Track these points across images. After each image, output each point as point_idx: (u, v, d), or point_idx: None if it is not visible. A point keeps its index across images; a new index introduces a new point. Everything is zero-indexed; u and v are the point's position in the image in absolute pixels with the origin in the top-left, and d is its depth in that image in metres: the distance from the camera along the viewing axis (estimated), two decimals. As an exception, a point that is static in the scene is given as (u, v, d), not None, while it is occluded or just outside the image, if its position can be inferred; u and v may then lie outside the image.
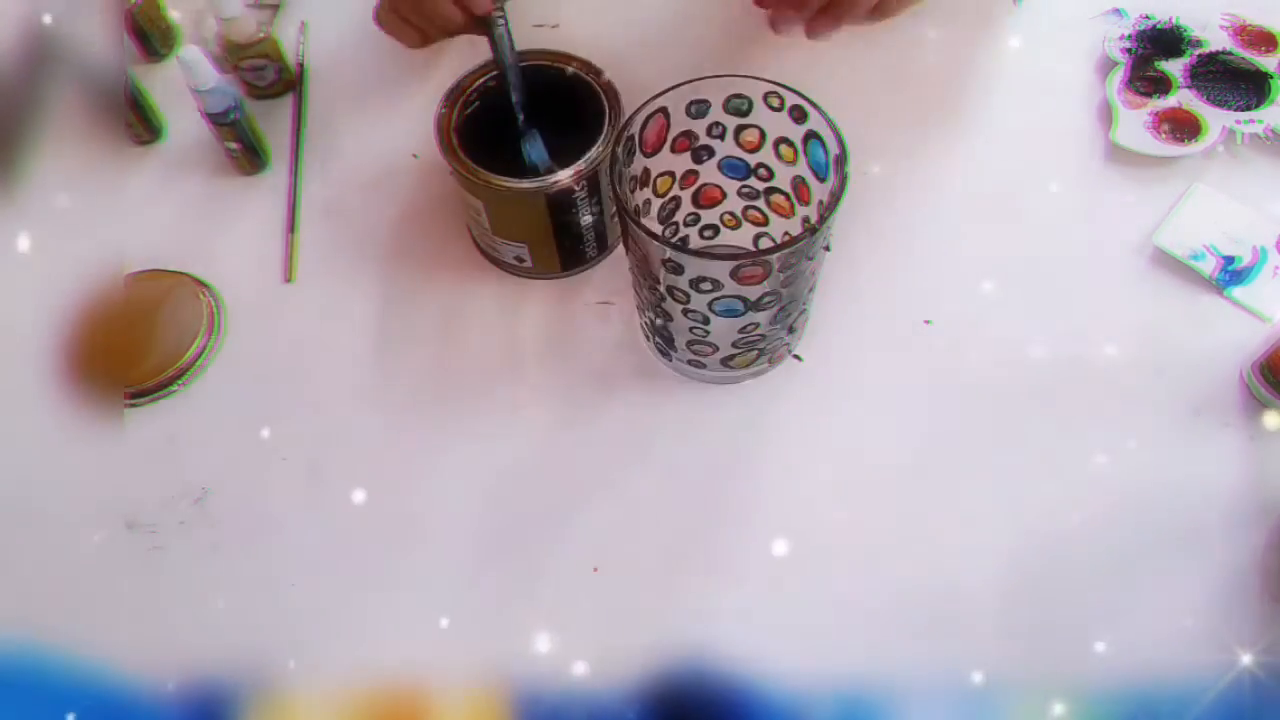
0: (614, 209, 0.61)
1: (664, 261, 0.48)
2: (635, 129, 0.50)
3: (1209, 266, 0.60)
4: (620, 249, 0.64)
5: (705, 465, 0.57)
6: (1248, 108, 0.65)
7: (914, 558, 0.54)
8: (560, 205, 0.57)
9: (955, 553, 0.54)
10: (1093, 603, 0.52)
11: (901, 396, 0.58)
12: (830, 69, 0.63)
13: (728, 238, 0.60)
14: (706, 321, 0.51)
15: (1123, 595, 0.52)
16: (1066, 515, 0.54)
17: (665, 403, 0.58)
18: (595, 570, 0.54)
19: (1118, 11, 0.70)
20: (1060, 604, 0.52)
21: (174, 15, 0.73)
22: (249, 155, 0.66)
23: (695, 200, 0.57)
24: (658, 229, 0.57)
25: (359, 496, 0.57)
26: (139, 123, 0.68)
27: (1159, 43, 0.68)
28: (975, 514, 0.55)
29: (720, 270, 0.47)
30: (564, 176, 0.56)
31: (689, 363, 0.57)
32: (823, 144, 0.50)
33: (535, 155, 0.60)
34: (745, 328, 0.52)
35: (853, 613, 0.53)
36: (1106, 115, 0.66)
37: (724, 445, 0.57)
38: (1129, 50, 0.68)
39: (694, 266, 0.47)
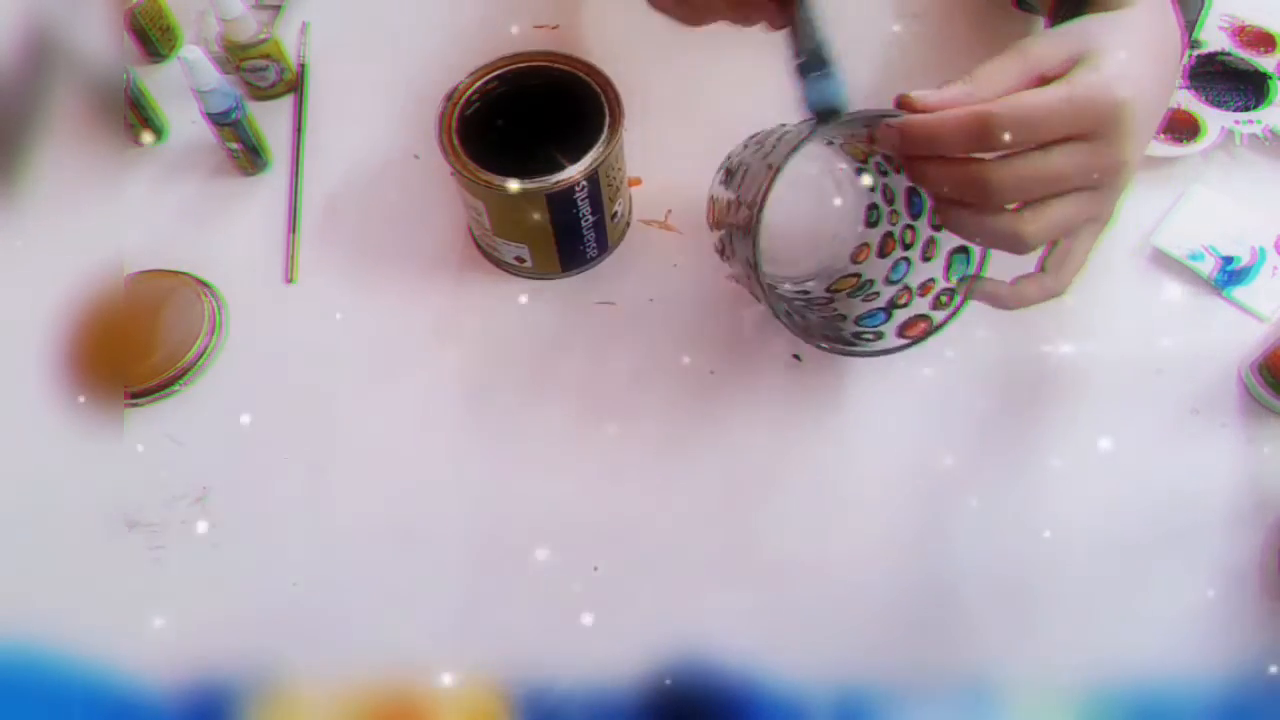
0: (614, 209, 0.61)
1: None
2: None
3: (1208, 267, 0.60)
4: (621, 249, 0.64)
5: (704, 465, 0.57)
6: (1246, 108, 0.65)
7: (914, 557, 0.54)
8: (561, 205, 0.57)
9: (954, 552, 0.54)
10: (1091, 602, 0.52)
11: (900, 397, 0.58)
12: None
13: None
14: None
15: (1121, 595, 0.52)
16: (1065, 515, 0.54)
17: (663, 404, 0.58)
18: (595, 570, 0.54)
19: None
20: (1059, 604, 0.52)
21: (175, 15, 0.73)
22: (250, 155, 0.67)
23: None
24: None
25: (359, 496, 0.57)
26: (140, 123, 0.68)
27: (1158, 44, 0.68)
28: (974, 513, 0.55)
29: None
30: (564, 176, 0.56)
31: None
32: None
33: (824, 94, 0.51)
34: None
35: (853, 613, 0.53)
36: (1105, 116, 0.66)
37: (723, 446, 0.57)
38: (1128, 51, 0.68)
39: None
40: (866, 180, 0.58)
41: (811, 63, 0.52)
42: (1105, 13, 0.48)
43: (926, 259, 0.56)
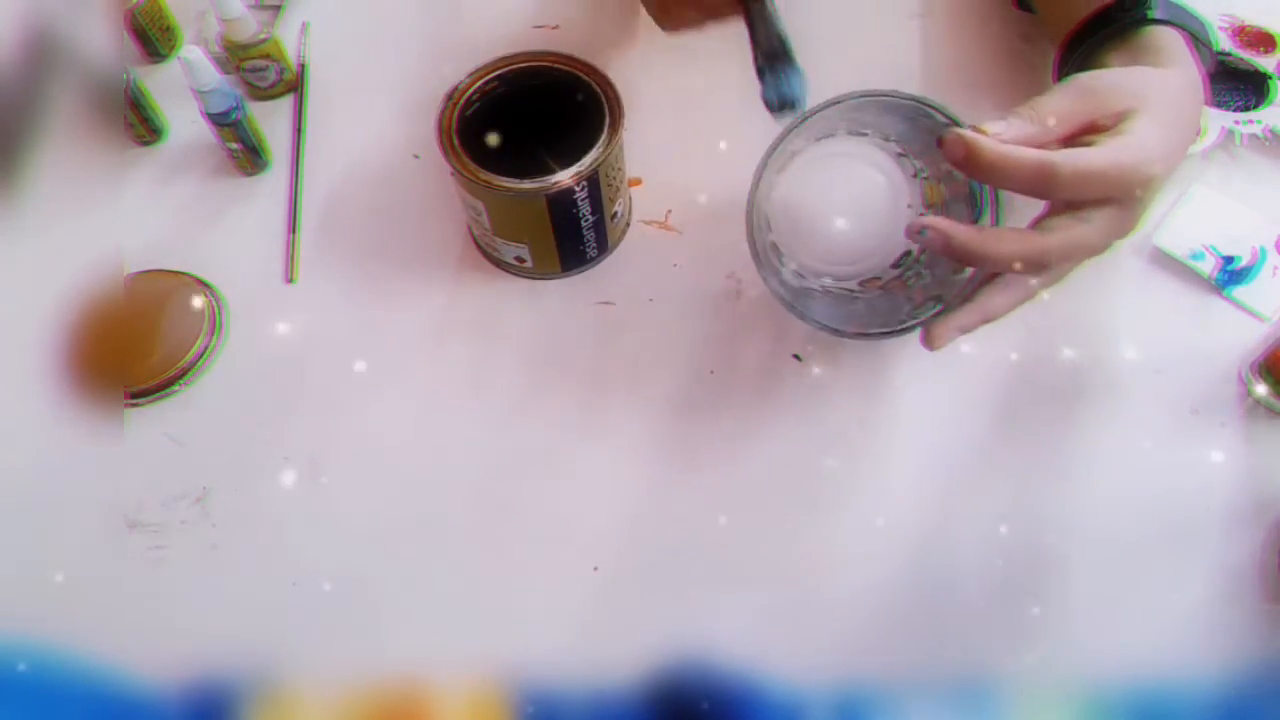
0: (614, 209, 0.61)
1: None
2: None
3: (1208, 266, 0.60)
4: (621, 249, 0.64)
5: (704, 465, 0.57)
6: (1246, 108, 0.65)
7: (913, 557, 0.54)
8: (561, 205, 0.57)
9: (954, 552, 0.54)
10: (1091, 602, 0.52)
11: (899, 398, 0.58)
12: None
13: None
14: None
15: (1121, 595, 0.52)
16: (1065, 514, 0.54)
17: (662, 404, 0.58)
18: (595, 570, 0.54)
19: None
20: (1059, 604, 0.52)
21: (175, 15, 0.73)
22: (250, 156, 0.67)
23: None
24: None
25: (359, 496, 0.57)
26: (140, 123, 0.68)
27: (1158, 43, 0.68)
28: (974, 513, 0.55)
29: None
30: (564, 176, 0.56)
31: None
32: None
33: (780, 90, 0.53)
34: None
35: (853, 613, 0.53)
36: (1106, 116, 0.66)
37: (722, 446, 0.57)
38: (1128, 51, 0.68)
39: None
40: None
41: (770, 58, 0.53)
42: (1150, 68, 0.51)
43: (911, 303, 0.57)
